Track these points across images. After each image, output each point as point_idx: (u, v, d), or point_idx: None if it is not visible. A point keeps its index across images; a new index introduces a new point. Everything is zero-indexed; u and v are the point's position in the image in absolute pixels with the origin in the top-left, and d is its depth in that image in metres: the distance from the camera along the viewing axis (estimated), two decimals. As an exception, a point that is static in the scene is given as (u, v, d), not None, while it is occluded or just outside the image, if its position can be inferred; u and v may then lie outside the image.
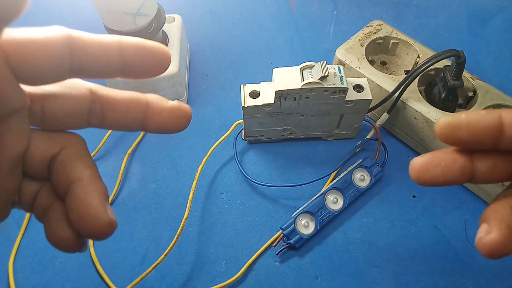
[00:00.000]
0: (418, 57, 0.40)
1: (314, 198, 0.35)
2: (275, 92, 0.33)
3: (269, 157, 0.39)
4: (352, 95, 0.34)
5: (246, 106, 0.34)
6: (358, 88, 0.35)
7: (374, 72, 0.38)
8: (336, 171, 0.37)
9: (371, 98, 0.34)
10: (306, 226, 0.34)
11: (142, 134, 0.41)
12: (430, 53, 0.39)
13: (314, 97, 0.33)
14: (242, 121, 0.37)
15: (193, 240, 0.34)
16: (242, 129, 0.39)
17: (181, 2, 0.55)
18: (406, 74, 0.35)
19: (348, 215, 0.36)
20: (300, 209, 0.34)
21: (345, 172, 0.37)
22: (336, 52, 0.40)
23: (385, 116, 0.38)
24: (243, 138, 0.40)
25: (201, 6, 0.54)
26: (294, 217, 0.34)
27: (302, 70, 0.33)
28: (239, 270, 0.32)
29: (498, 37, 0.50)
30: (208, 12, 0.53)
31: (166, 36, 0.41)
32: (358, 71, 0.39)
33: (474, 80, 0.37)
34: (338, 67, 0.33)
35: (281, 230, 0.34)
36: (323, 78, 0.32)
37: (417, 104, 0.36)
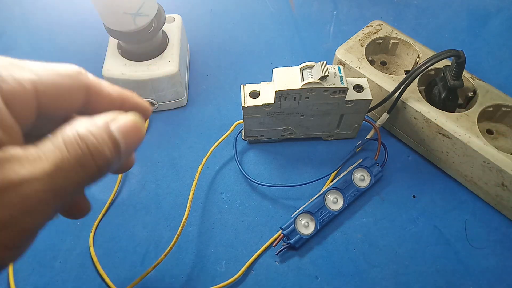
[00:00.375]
0: (418, 57, 0.40)
1: (314, 198, 0.35)
2: (275, 92, 0.33)
3: (269, 157, 0.39)
4: (352, 95, 0.34)
5: (246, 106, 0.34)
6: (358, 88, 0.35)
7: (374, 72, 0.38)
8: (336, 171, 0.37)
9: (371, 98, 0.34)
10: (306, 226, 0.34)
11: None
12: (430, 53, 0.39)
13: (314, 97, 0.33)
14: (242, 121, 0.37)
15: (193, 240, 0.34)
16: (242, 129, 0.39)
17: (181, 2, 0.55)
18: (406, 74, 0.35)
19: (348, 215, 0.36)
20: (300, 209, 0.34)
21: (345, 172, 0.37)
22: (336, 52, 0.40)
23: (385, 116, 0.38)
24: (243, 138, 0.40)
25: (201, 6, 0.54)
26: (294, 217, 0.34)
27: (302, 70, 0.33)
28: (239, 270, 0.32)
29: (498, 37, 0.50)
30: (208, 12, 0.53)
31: (166, 36, 0.41)
32: (358, 71, 0.39)
33: (474, 80, 0.37)
34: (338, 67, 0.33)
35: (281, 230, 0.34)
36: (323, 78, 0.32)
37: (417, 104, 0.36)
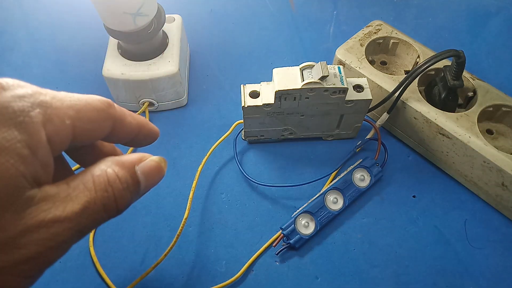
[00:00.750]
0: (418, 57, 0.40)
1: (314, 198, 0.35)
2: (275, 92, 0.33)
3: (269, 157, 0.39)
4: (352, 95, 0.34)
5: (246, 106, 0.34)
6: (358, 88, 0.35)
7: (374, 72, 0.38)
8: (336, 171, 0.37)
9: (371, 98, 0.34)
10: (306, 226, 0.34)
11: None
12: (430, 53, 0.39)
13: (314, 97, 0.33)
14: (242, 121, 0.37)
15: (193, 240, 0.34)
16: (242, 129, 0.39)
17: (181, 2, 0.55)
18: (406, 74, 0.35)
19: (348, 215, 0.36)
20: (300, 209, 0.34)
21: (345, 172, 0.37)
22: (336, 52, 0.40)
23: (385, 116, 0.38)
24: (243, 138, 0.40)
25: (201, 6, 0.54)
26: (294, 217, 0.34)
27: (302, 70, 0.33)
28: (239, 270, 0.32)
29: (498, 37, 0.50)
30: (208, 12, 0.53)
31: (166, 36, 0.41)
32: (358, 71, 0.39)
33: (474, 80, 0.37)
34: (338, 67, 0.33)
35: (281, 230, 0.34)
36: (323, 78, 0.32)
37: (417, 104, 0.36)
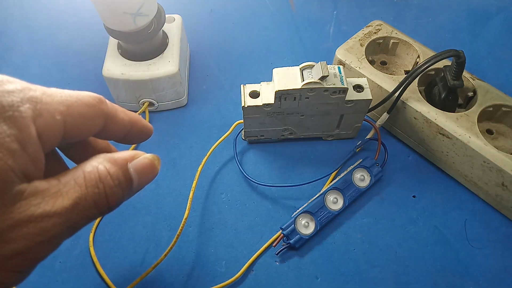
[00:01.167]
0: (418, 57, 0.40)
1: (314, 198, 0.35)
2: (275, 92, 0.33)
3: (269, 157, 0.39)
4: (352, 95, 0.34)
5: (246, 106, 0.34)
6: (358, 88, 0.35)
7: (374, 72, 0.38)
8: (336, 171, 0.37)
9: (371, 98, 0.34)
10: (306, 226, 0.34)
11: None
12: (430, 53, 0.39)
13: (314, 97, 0.33)
14: (242, 121, 0.37)
15: (193, 240, 0.34)
16: (242, 129, 0.39)
17: (181, 2, 0.55)
18: (406, 74, 0.35)
19: (348, 215, 0.36)
20: (300, 209, 0.34)
21: (345, 172, 0.37)
22: (336, 52, 0.40)
23: (385, 116, 0.38)
24: (243, 138, 0.40)
25: (201, 6, 0.54)
26: (294, 217, 0.34)
27: (302, 70, 0.33)
28: (239, 270, 0.32)
29: (498, 37, 0.50)
30: (208, 12, 0.53)
31: (166, 36, 0.41)
32: (358, 71, 0.39)
33: (474, 80, 0.37)
34: (338, 67, 0.33)
35: (281, 230, 0.34)
36: (323, 78, 0.32)
37: (417, 104, 0.36)
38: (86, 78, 0.46)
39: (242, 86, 0.35)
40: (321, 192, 0.36)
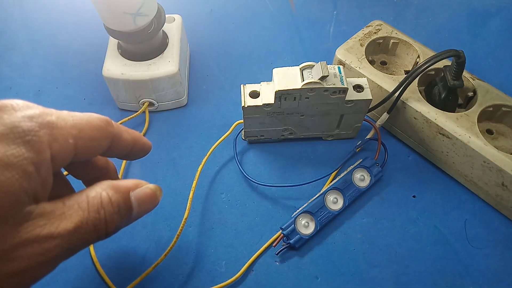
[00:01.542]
0: (418, 57, 0.40)
1: (314, 198, 0.35)
2: (275, 92, 0.33)
3: (269, 157, 0.39)
4: (352, 95, 0.34)
5: (246, 106, 0.34)
6: (358, 88, 0.35)
7: (374, 72, 0.38)
8: (336, 171, 0.37)
9: (371, 98, 0.34)
10: (306, 226, 0.34)
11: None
12: (430, 53, 0.39)
13: (314, 97, 0.33)
14: (242, 121, 0.37)
15: (193, 240, 0.34)
16: (242, 129, 0.39)
17: (181, 2, 0.55)
18: (406, 74, 0.35)
19: (348, 215, 0.36)
20: (300, 209, 0.34)
21: (345, 172, 0.37)
22: (336, 52, 0.40)
23: (385, 116, 0.38)
24: (243, 138, 0.40)
25: (201, 6, 0.54)
26: (294, 217, 0.34)
27: (302, 70, 0.33)
28: (239, 270, 0.32)
29: (498, 37, 0.50)
30: (208, 12, 0.53)
31: (166, 36, 0.41)
32: (358, 71, 0.39)
33: (474, 80, 0.37)
34: (338, 67, 0.33)
35: (281, 230, 0.34)
36: (323, 78, 0.32)
37: (417, 104, 0.36)
38: (86, 78, 0.46)
39: (242, 86, 0.35)
40: (321, 192, 0.36)
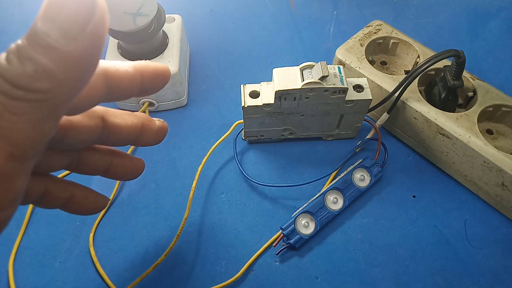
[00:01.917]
0: (418, 57, 0.40)
1: (314, 198, 0.35)
2: (275, 92, 0.33)
3: (269, 157, 0.39)
4: (352, 95, 0.34)
5: (246, 106, 0.34)
6: (358, 88, 0.35)
7: (374, 72, 0.38)
8: (336, 171, 0.37)
9: (371, 98, 0.34)
10: (306, 226, 0.34)
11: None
12: (430, 53, 0.39)
13: (314, 97, 0.33)
14: (242, 121, 0.37)
15: (193, 240, 0.34)
16: (242, 129, 0.39)
17: (181, 2, 0.55)
18: (406, 74, 0.35)
19: (348, 215, 0.36)
20: (300, 209, 0.34)
21: (345, 172, 0.37)
22: (336, 52, 0.40)
23: (385, 116, 0.38)
24: (243, 138, 0.40)
25: (201, 6, 0.54)
26: (294, 217, 0.34)
27: (302, 70, 0.33)
28: (239, 270, 0.32)
29: (498, 37, 0.50)
30: (208, 12, 0.53)
31: (166, 36, 0.41)
32: (358, 71, 0.39)
33: (474, 80, 0.37)
34: (338, 67, 0.33)
35: (281, 230, 0.34)
36: (323, 78, 0.32)
37: (417, 104, 0.36)
38: (86, 78, 0.46)
39: (242, 86, 0.35)
40: (321, 192, 0.36)
